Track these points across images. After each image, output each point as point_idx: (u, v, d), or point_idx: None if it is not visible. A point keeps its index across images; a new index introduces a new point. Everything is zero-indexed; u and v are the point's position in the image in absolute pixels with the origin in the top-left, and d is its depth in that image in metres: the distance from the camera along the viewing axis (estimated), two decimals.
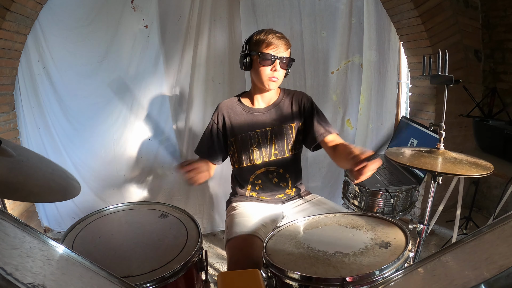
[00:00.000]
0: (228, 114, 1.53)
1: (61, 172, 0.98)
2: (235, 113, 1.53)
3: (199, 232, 1.11)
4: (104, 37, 2.31)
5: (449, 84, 1.32)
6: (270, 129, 1.51)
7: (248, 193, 1.57)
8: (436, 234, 2.58)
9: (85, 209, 2.47)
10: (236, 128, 1.52)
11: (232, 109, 1.54)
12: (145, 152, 2.56)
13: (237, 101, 1.56)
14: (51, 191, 0.86)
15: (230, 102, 1.57)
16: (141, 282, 0.87)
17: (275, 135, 1.51)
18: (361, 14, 2.67)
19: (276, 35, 1.41)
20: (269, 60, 1.39)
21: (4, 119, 2.19)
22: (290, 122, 1.52)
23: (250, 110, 1.54)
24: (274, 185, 1.55)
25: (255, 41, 1.42)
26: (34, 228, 0.60)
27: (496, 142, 1.90)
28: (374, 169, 1.11)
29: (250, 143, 1.51)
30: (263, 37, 1.40)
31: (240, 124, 1.52)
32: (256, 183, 1.55)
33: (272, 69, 1.40)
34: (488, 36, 2.61)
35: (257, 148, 1.51)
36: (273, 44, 1.39)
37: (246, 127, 1.51)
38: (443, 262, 0.68)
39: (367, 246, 1.03)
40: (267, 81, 1.43)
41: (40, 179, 0.87)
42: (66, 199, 0.88)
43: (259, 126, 1.51)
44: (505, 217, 0.68)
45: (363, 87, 2.83)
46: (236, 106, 1.55)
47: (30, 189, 0.79)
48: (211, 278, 2.06)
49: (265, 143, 1.51)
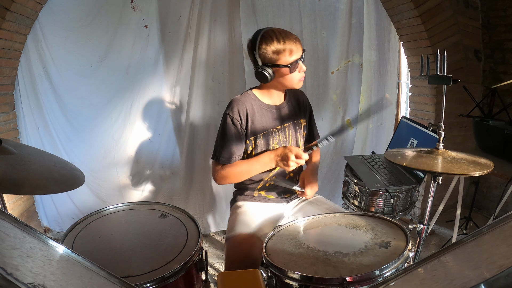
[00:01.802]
0: (249, 111, 1.44)
1: (63, 164, 0.98)
2: (255, 111, 1.46)
3: (199, 232, 1.11)
4: (104, 37, 2.31)
5: (447, 84, 1.32)
6: (287, 125, 1.52)
7: (256, 193, 1.56)
8: (436, 234, 2.58)
9: (85, 209, 2.47)
10: (258, 126, 1.46)
11: (251, 106, 1.45)
12: (145, 152, 2.56)
13: (254, 98, 1.48)
14: (57, 182, 0.87)
15: (246, 99, 1.46)
16: (141, 282, 0.87)
17: (292, 130, 1.53)
18: (361, 14, 2.67)
19: (291, 39, 1.36)
20: (296, 65, 1.39)
21: (4, 119, 2.18)
22: (300, 117, 1.57)
23: (269, 107, 1.49)
24: (286, 181, 1.54)
25: (274, 51, 1.34)
26: (34, 228, 0.60)
27: (496, 142, 1.90)
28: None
29: (272, 140, 1.48)
30: (282, 46, 1.34)
31: (261, 121, 1.47)
32: (269, 180, 1.54)
33: (299, 71, 1.42)
34: (488, 36, 2.61)
35: (278, 145, 1.49)
36: (293, 49, 1.36)
37: (268, 125, 1.48)
38: (443, 262, 0.68)
39: (367, 246, 1.03)
40: (297, 83, 1.45)
41: (44, 172, 0.87)
42: (72, 188, 0.89)
43: (278, 123, 1.50)
44: (505, 217, 0.68)
45: (363, 87, 2.83)
46: (254, 103, 1.47)
47: (36, 182, 0.81)
48: (211, 278, 2.06)
49: (285, 139, 1.51)
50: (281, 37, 1.34)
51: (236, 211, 1.51)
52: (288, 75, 1.39)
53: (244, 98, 1.46)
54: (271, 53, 1.35)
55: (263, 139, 1.47)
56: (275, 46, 1.34)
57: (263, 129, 1.46)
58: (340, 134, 1.21)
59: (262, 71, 1.36)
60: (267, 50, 1.35)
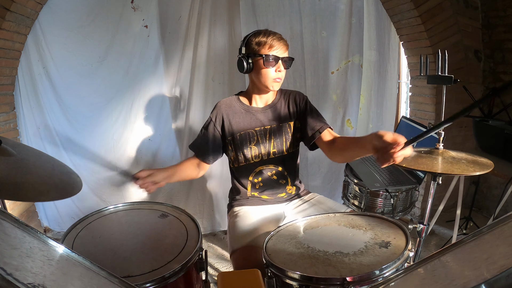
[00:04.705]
0: (227, 113, 1.53)
1: (61, 167, 0.98)
2: (234, 112, 1.53)
3: (199, 232, 1.11)
4: (104, 37, 2.31)
5: (446, 84, 1.32)
6: (269, 127, 1.52)
7: (249, 193, 1.56)
8: (436, 234, 2.58)
9: (85, 209, 2.47)
10: (234, 126, 1.52)
11: (231, 107, 1.54)
12: (145, 152, 2.56)
13: (236, 100, 1.56)
14: (58, 188, 0.87)
15: (228, 101, 1.56)
16: (141, 282, 0.87)
17: (274, 133, 1.52)
18: (361, 14, 2.67)
19: (277, 36, 1.42)
20: (273, 62, 1.41)
21: (4, 119, 2.18)
22: (288, 121, 1.54)
23: (249, 108, 1.54)
24: (274, 182, 1.55)
25: (256, 43, 1.41)
26: (34, 228, 0.60)
27: (496, 142, 1.90)
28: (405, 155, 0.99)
29: (249, 141, 1.51)
30: (264, 39, 1.40)
31: (239, 122, 1.52)
32: (256, 182, 1.55)
33: (276, 70, 1.43)
34: (488, 36, 2.61)
35: (256, 146, 1.51)
36: (275, 46, 1.41)
37: (245, 126, 1.52)
38: (443, 262, 0.68)
39: (367, 246, 1.03)
40: (271, 82, 1.44)
41: (44, 177, 0.87)
42: (72, 194, 0.88)
43: (258, 125, 1.52)
44: (505, 217, 0.68)
45: (363, 87, 2.83)
46: (235, 105, 1.55)
47: (38, 188, 0.80)
48: (211, 278, 2.06)
49: (264, 141, 1.52)
50: (268, 33, 1.43)
51: (234, 219, 1.50)
52: (263, 70, 1.42)
53: (226, 101, 1.56)
54: (254, 44, 1.42)
55: (239, 139, 1.51)
56: (259, 38, 1.42)
57: (240, 129, 1.51)
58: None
59: (242, 58, 1.43)
60: (251, 40, 1.43)
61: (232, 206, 1.59)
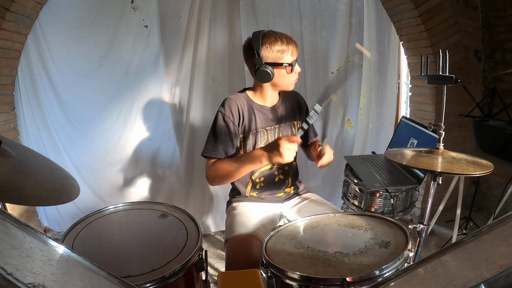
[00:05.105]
0: (242, 110, 1.47)
1: (59, 171, 0.98)
2: (246, 110, 1.48)
3: (199, 232, 1.11)
4: (104, 37, 2.31)
5: (447, 84, 1.32)
6: (278, 126, 1.53)
7: (248, 193, 1.57)
8: (436, 234, 2.58)
9: (85, 209, 2.47)
10: (247, 125, 1.48)
11: (243, 105, 1.48)
12: (145, 152, 2.56)
13: (246, 98, 1.51)
14: (57, 193, 0.86)
15: (238, 98, 1.49)
16: (141, 282, 0.87)
17: (283, 132, 1.53)
18: (361, 14, 2.67)
19: (293, 41, 1.42)
20: (295, 67, 1.44)
21: (4, 119, 2.18)
22: (293, 119, 1.58)
23: (261, 107, 1.51)
24: (276, 182, 1.56)
25: (279, 50, 1.38)
26: (34, 228, 0.60)
27: (496, 142, 1.90)
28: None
29: (260, 140, 1.50)
30: (285, 47, 1.39)
31: (252, 121, 1.49)
32: (258, 182, 1.55)
33: (296, 72, 1.46)
34: (488, 36, 2.61)
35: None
36: (294, 51, 1.42)
37: (258, 125, 1.49)
38: (443, 262, 0.68)
39: (367, 246, 1.03)
40: (292, 84, 1.48)
41: (44, 181, 0.87)
42: (71, 199, 0.88)
43: (269, 124, 1.52)
44: (505, 217, 0.68)
45: (363, 87, 2.83)
46: (247, 103, 1.50)
47: (39, 193, 0.80)
48: (211, 278, 2.06)
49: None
50: (284, 37, 1.41)
51: (232, 212, 1.52)
52: (287, 76, 1.43)
53: (236, 97, 1.50)
54: (275, 52, 1.39)
55: (251, 138, 1.49)
56: (280, 46, 1.38)
57: (252, 129, 1.49)
58: (324, 99, 1.29)
59: (265, 69, 1.38)
60: (272, 49, 1.38)
61: (231, 202, 1.60)
